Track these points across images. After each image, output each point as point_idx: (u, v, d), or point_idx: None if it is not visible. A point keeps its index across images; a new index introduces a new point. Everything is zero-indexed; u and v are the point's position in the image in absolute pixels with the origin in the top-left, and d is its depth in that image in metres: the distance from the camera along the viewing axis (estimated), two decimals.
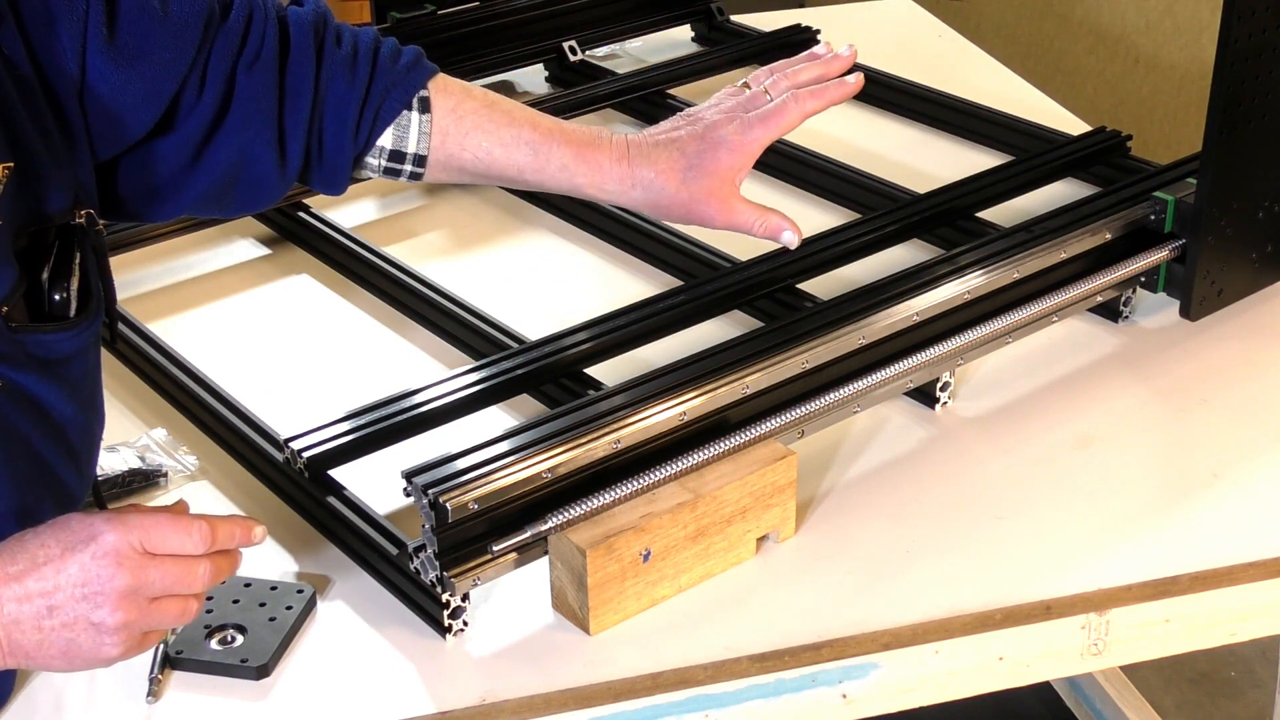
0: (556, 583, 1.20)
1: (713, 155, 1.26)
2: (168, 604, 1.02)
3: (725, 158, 1.26)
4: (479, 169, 1.29)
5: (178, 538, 1.01)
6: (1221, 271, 1.58)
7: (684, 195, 1.26)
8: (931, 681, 1.19)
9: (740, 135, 1.26)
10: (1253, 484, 1.35)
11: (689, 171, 1.26)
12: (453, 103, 1.27)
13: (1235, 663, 2.56)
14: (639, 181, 1.27)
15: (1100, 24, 3.51)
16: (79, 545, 0.99)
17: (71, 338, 1.07)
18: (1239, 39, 1.45)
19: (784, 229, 1.28)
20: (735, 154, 1.26)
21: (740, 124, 1.27)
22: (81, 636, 0.99)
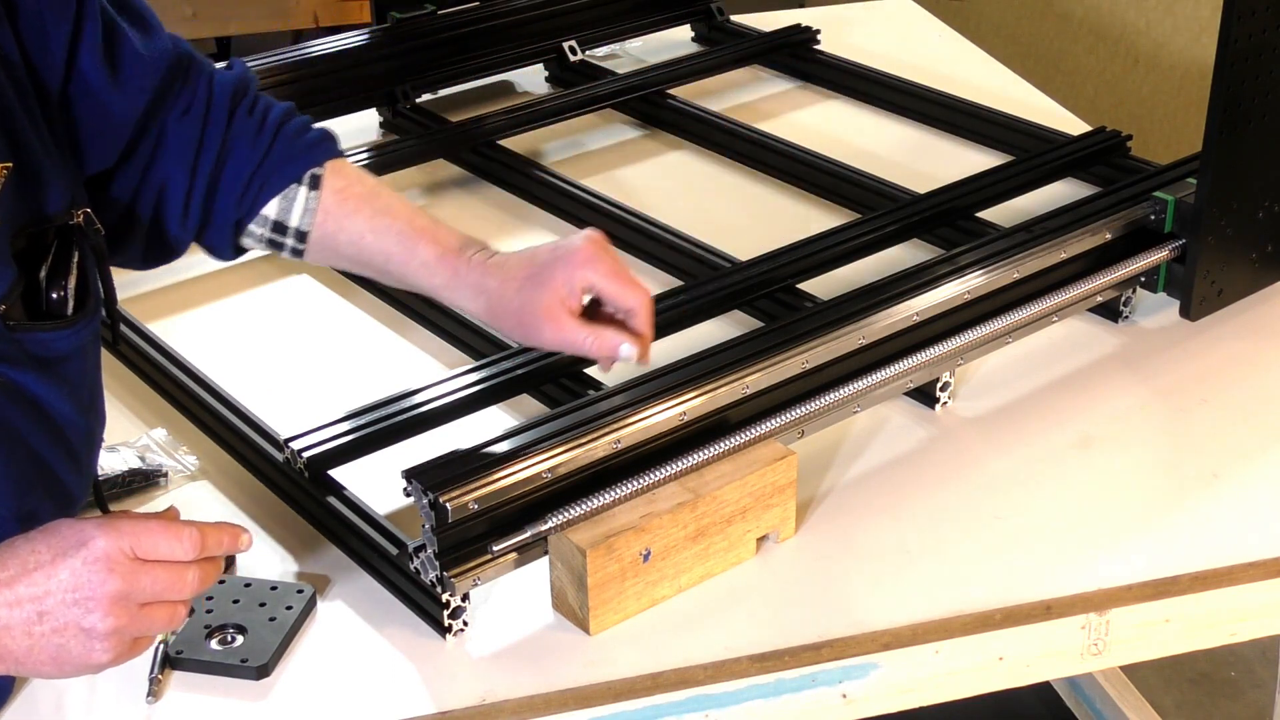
0: (556, 583, 1.20)
1: (551, 271, 1.20)
2: (157, 610, 1.01)
3: (561, 274, 1.20)
4: (351, 253, 1.29)
5: (168, 543, 1.01)
6: (1221, 271, 1.58)
7: (516, 304, 1.21)
8: (931, 681, 1.19)
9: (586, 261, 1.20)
10: (1253, 484, 1.35)
11: (528, 281, 1.21)
12: (341, 184, 1.28)
13: (1235, 663, 2.55)
14: (483, 290, 1.24)
15: (1100, 24, 3.51)
16: (70, 550, 0.99)
17: (69, 336, 1.07)
18: (1239, 39, 1.45)
19: (619, 344, 1.20)
20: (572, 273, 1.20)
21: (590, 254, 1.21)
22: (71, 642, 0.99)
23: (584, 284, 1.19)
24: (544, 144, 2.06)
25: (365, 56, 2.07)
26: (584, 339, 1.20)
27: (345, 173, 1.30)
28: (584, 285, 1.19)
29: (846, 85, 2.18)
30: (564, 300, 1.19)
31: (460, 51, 2.15)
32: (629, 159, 2.02)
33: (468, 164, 1.98)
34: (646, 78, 2.13)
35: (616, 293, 1.19)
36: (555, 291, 1.19)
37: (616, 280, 1.19)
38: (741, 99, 2.19)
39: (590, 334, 1.20)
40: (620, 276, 1.19)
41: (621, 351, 1.20)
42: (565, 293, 1.19)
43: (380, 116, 2.11)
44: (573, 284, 1.19)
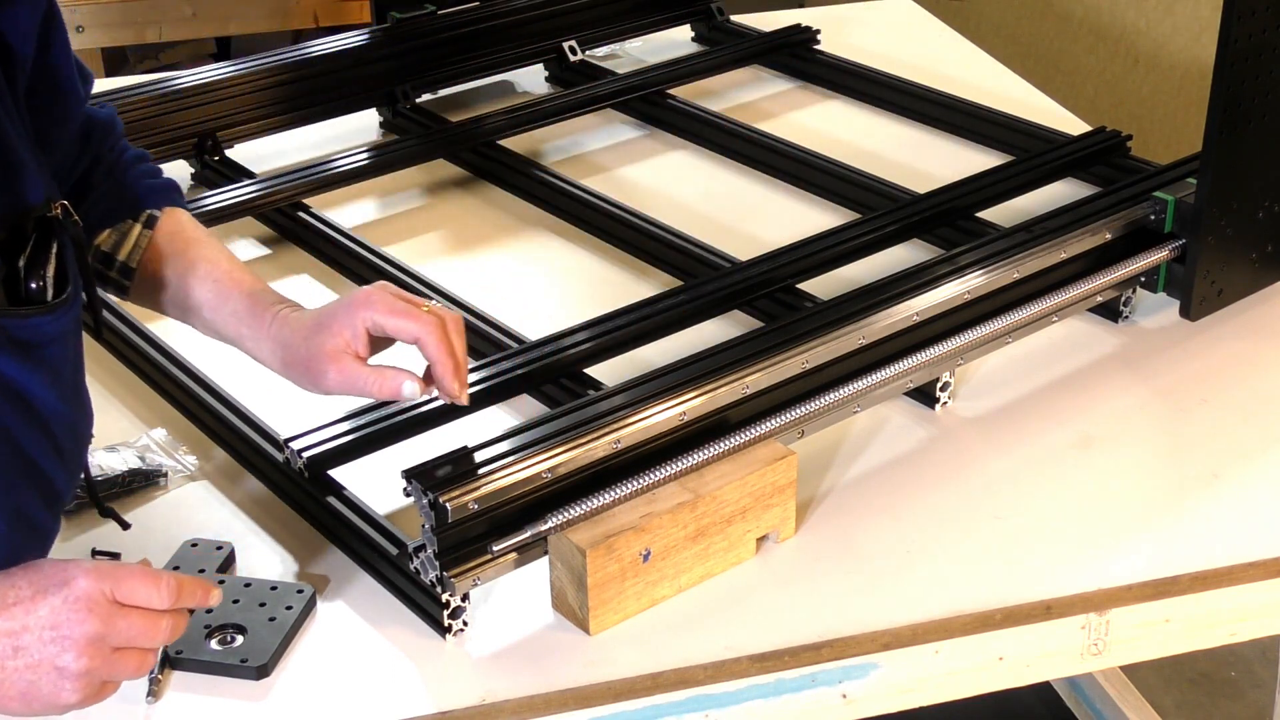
0: (556, 583, 1.20)
1: (334, 317, 1.20)
2: (129, 655, 1.03)
3: (342, 318, 1.19)
4: (168, 296, 1.30)
5: (146, 590, 1.03)
6: (1221, 271, 1.58)
7: (304, 352, 1.20)
8: (931, 681, 1.19)
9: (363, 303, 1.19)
10: (1253, 484, 1.35)
11: (314, 329, 1.21)
12: (174, 229, 1.30)
13: (1235, 663, 2.55)
14: (279, 342, 1.24)
15: (1100, 24, 3.51)
16: (51, 589, 1.00)
17: (50, 322, 1.08)
18: (1239, 39, 1.45)
19: (402, 382, 1.18)
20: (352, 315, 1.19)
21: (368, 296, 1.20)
22: (43, 679, 1.00)
23: (365, 324, 1.19)
24: (544, 144, 2.06)
25: (365, 56, 2.07)
26: (367, 379, 1.19)
27: (180, 220, 1.32)
28: (365, 325, 1.19)
29: (846, 85, 2.18)
30: (348, 343, 1.19)
31: (460, 51, 2.15)
32: (629, 159, 2.02)
33: (468, 164, 1.98)
34: (646, 78, 2.13)
35: (398, 326, 1.19)
36: (339, 335, 1.19)
37: (395, 314, 1.18)
38: (741, 99, 2.19)
39: (373, 375, 1.19)
40: (399, 310, 1.19)
41: (404, 390, 1.18)
42: (349, 335, 1.19)
43: (380, 116, 2.11)
44: (355, 326, 1.19)
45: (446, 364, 1.17)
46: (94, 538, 1.30)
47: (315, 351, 1.20)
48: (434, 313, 1.19)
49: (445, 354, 1.17)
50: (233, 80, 1.96)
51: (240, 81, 1.96)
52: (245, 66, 1.99)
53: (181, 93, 1.92)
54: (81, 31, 3.04)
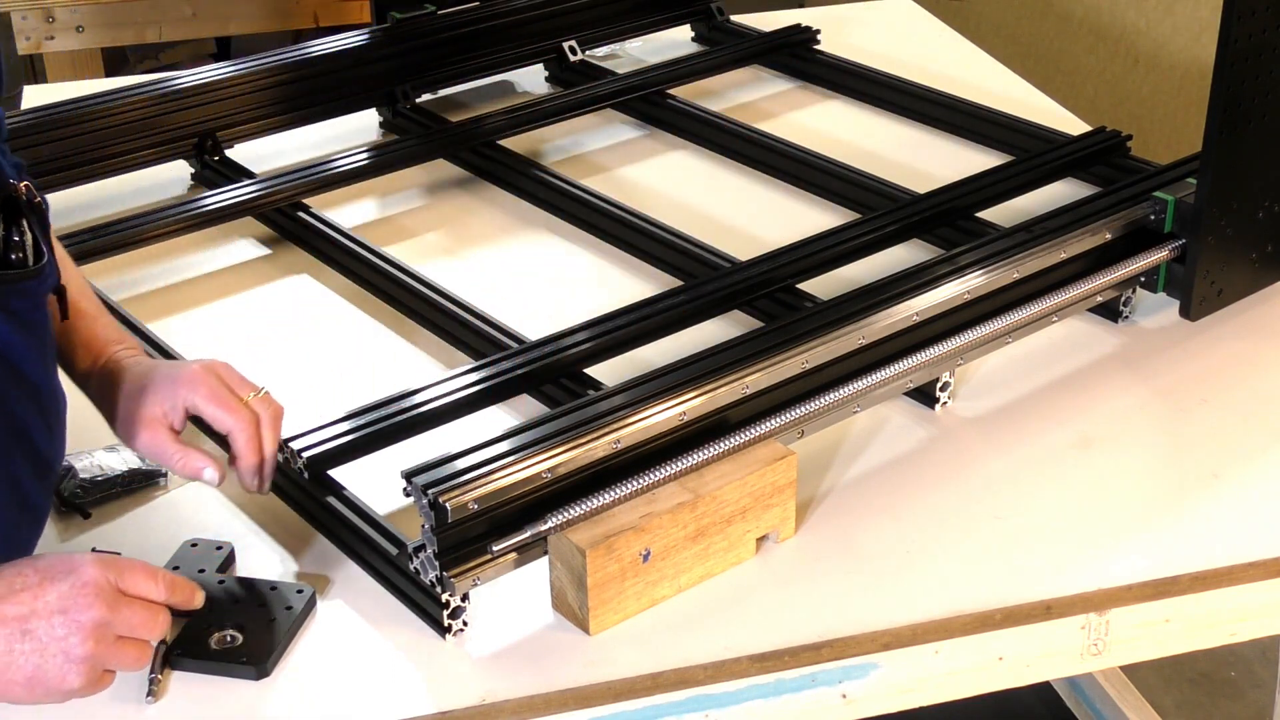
0: (556, 583, 1.20)
1: (159, 385, 1.23)
2: (130, 645, 1.06)
3: (165, 389, 1.22)
4: None
5: (147, 583, 1.07)
6: (1221, 271, 1.58)
7: (124, 408, 1.23)
8: (931, 681, 1.19)
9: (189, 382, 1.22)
10: (1253, 484, 1.35)
11: (139, 390, 1.23)
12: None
13: (1235, 663, 2.55)
14: (105, 384, 1.25)
15: (1100, 24, 3.51)
16: (59, 575, 1.03)
17: (36, 285, 1.10)
18: (1239, 39, 1.45)
19: (203, 467, 1.22)
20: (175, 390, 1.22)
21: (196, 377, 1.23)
22: (50, 663, 1.02)
23: (185, 403, 1.22)
24: (544, 144, 2.06)
25: (365, 56, 2.07)
26: (172, 454, 1.23)
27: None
28: (185, 404, 1.22)
29: (846, 85, 2.18)
30: (165, 414, 1.22)
31: (460, 51, 2.15)
32: (629, 159, 2.02)
33: (468, 164, 1.98)
34: (646, 78, 2.13)
35: (214, 415, 1.23)
36: (159, 404, 1.22)
37: (215, 403, 1.22)
38: (741, 99, 2.19)
39: (179, 452, 1.23)
40: (220, 400, 1.22)
41: (204, 475, 1.23)
42: (166, 408, 1.22)
43: (380, 116, 2.11)
44: (175, 400, 1.22)
45: (249, 461, 1.23)
46: (94, 537, 1.30)
47: (132, 411, 1.23)
48: (252, 407, 1.24)
49: (251, 452, 1.23)
50: (233, 80, 1.96)
51: (240, 81, 1.96)
52: (245, 66, 1.99)
53: (181, 93, 1.92)
54: (81, 31, 3.04)
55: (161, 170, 1.93)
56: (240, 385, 1.25)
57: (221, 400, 1.22)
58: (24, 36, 3.02)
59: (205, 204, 1.77)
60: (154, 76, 2.00)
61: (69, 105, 1.86)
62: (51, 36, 3.03)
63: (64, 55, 3.06)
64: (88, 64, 3.10)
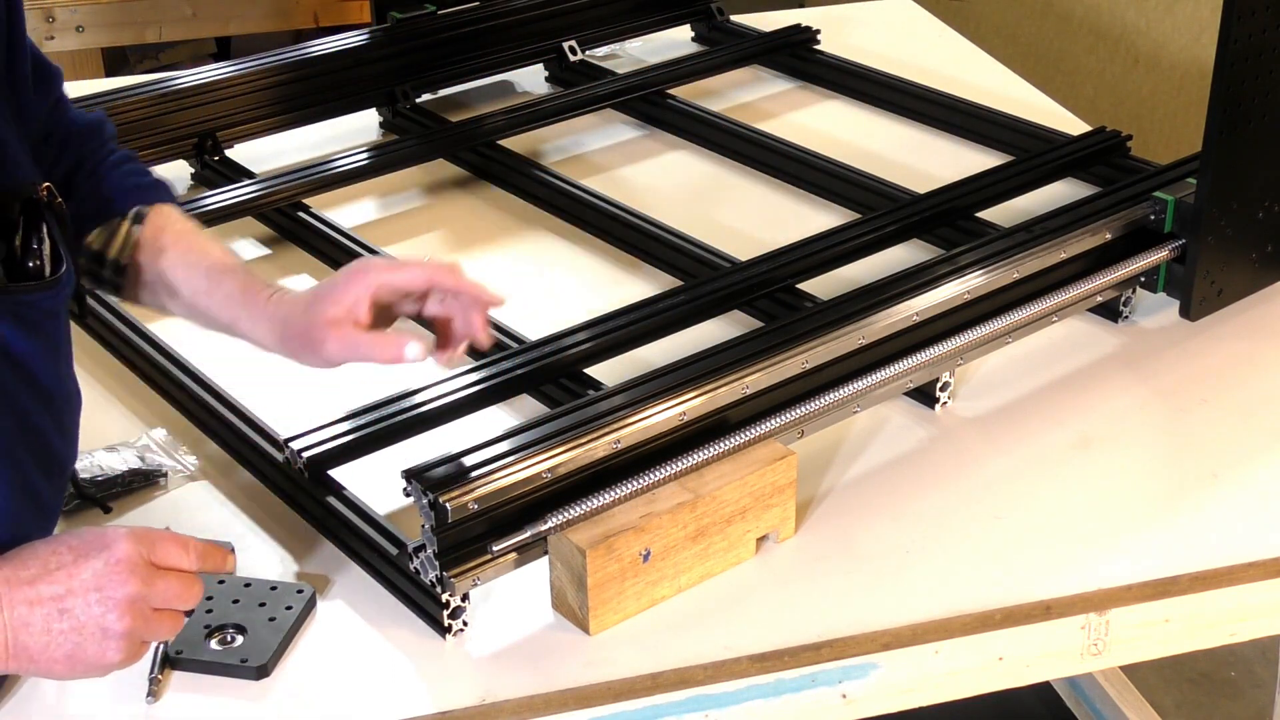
0: (556, 583, 1.20)
1: (332, 287, 1.21)
2: (165, 616, 1.06)
3: (341, 286, 1.21)
4: (162, 286, 1.29)
5: (178, 553, 1.07)
6: (1221, 271, 1.58)
7: (303, 323, 1.21)
8: (931, 681, 1.19)
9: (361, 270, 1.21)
10: (1253, 484, 1.35)
11: (313, 301, 1.22)
12: (162, 223, 1.30)
13: (1235, 663, 2.55)
14: (275, 319, 1.24)
15: (1100, 24, 3.51)
16: (93, 552, 1.03)
17: (51, 296, 1.10)
18: (1239, 39, 1.45)
19: (405, 344, 1.18)
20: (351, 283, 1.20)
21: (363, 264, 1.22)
22: (88, 641, 1.02)
23: (367, 289, 1.20)
24: (544, 144, 2.06)
25: (365, 56, 2.07)
26: (367, 343, 1.19)
27: (168, 214, 1.32)
28: (368, 290, 1.20)
29: (846, 85, 2.18)
30: (348, 310, 1.20)
31: (460, 51, 2.15)
32: (629, 159, 2.02)
33: (468, 164, 1.98)
34: (646, 78, 2.13)
35: (406, 277, 1.20)
36: (338, 305, 1.20)
37: (395, 270, 1.20)
38: (741, 99, 2.19)
39: (376, 340, 1.20)
40: (397, 266, 1.20)
41: (407, 352, 1.18)
42: (349, 302, 1.20)
43: (380, 116, 2.11)
44: (356, 292, 1.20)
45: (471, 290, 1.20)
46: None
47: (315, 321, 1.20)
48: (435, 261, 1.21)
49: (466, 285, 1.20)
50: (233, 80, 1.96)
51: (240, 81, 1.96)
52: (245, 66, 1.99)
53: (181, 93, 1.92)
54: (81, 31, 3.04)
55: (161, 170, 1.92)
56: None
57: (399, 266, 1.20)
58: None
59: (205, 204, 1.77)
60: (154, 76, 2.00)
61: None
62: (51, 36, 3.03)
63: (64, 55, 3.06)
64: (88, 64, 3.10)
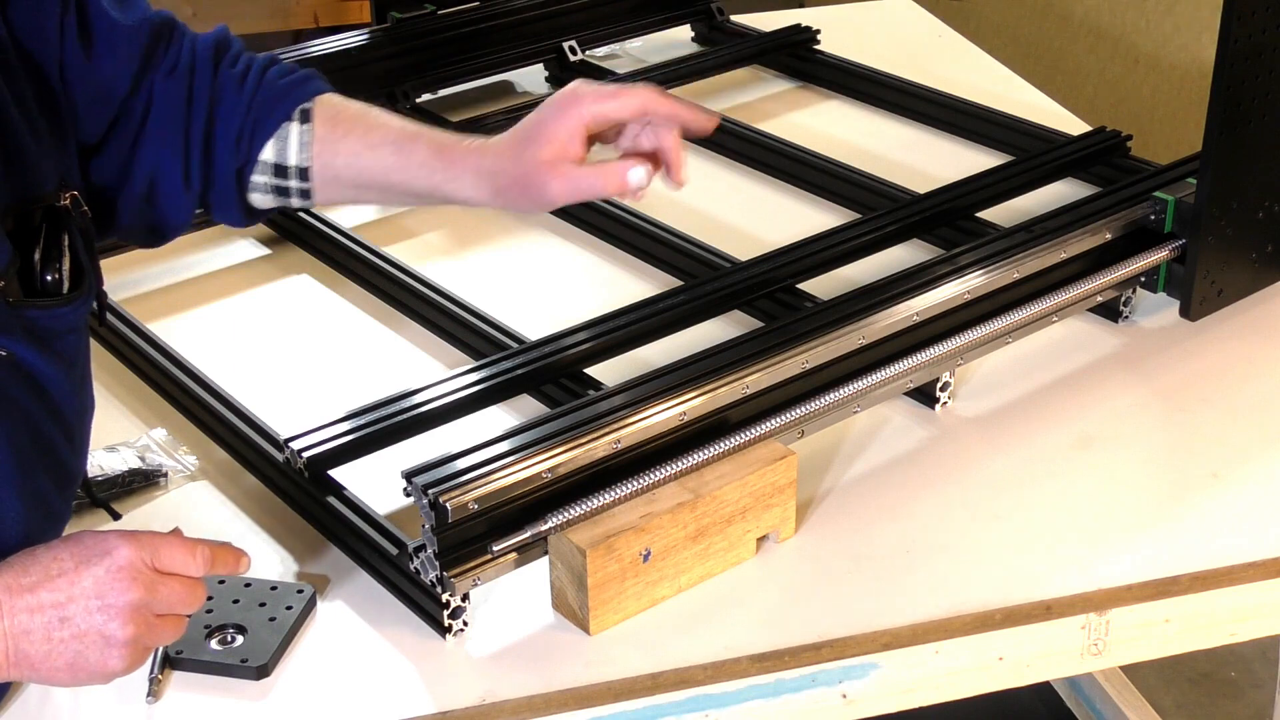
0: (556, 583, 1.20)
1: (541, 127, 1.16)
2: (168, 621, 1.04)
3: (552, 125, 1.16)
4: (351, 176, 1.27)
5: (184, 558, 1.04)
6: (1221, 271, 1.58)
7: (518, 171, 1.17)
8: (931, 681, 1.19)
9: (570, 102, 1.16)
10: (1253, 484, 1.35)
11: (523, 145, 1.18)
12: (331, 113, 1.28)
13: (1235, 663, 2.55)
14: (482, 171, 1.20)
15: (1100, 24, 3.51)
16: (94, 559, 1.01)
17: (68, 314, 1.09)
18: (1239, 39, 1.45)
19: (628, 169, 1.15)
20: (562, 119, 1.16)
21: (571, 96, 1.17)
22: (90, 649, 1.00)
23: (581, 121, 1.15)
24: None
25: (365, 56, 2.07)
26: (592, 179, 1.16)
27: (333, 102, 1.29)
28: (582, 122, 1.15)
29: (846, 85, 2.18)
30: (564, 148, 1.16)
31: (460, 51, 2.15)
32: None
33: None
34: (646, 78, 2.13)
35: (619, 106, 1.16)
36: (552, 142, 1.16)
37: (607, 99, 1.16)
38: (741, 99, 2.19)
39: (597, 173, 1.16)
40: (608, 94, 1.16)
41: (632, 177, 1.15)
42: (565, 138, 1.16)
43: None
44: (569, 128, 1.16)
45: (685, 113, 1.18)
46: None
47: (530, 166, 1.16)
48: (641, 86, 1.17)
49: (678, 107, 1.18)
50: None
51: None
52: None
53: None
54: None
55: None
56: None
57: (610, 94, 1.15)
58: None
59: None
60: None
61: None
62: None
63: None
64: None
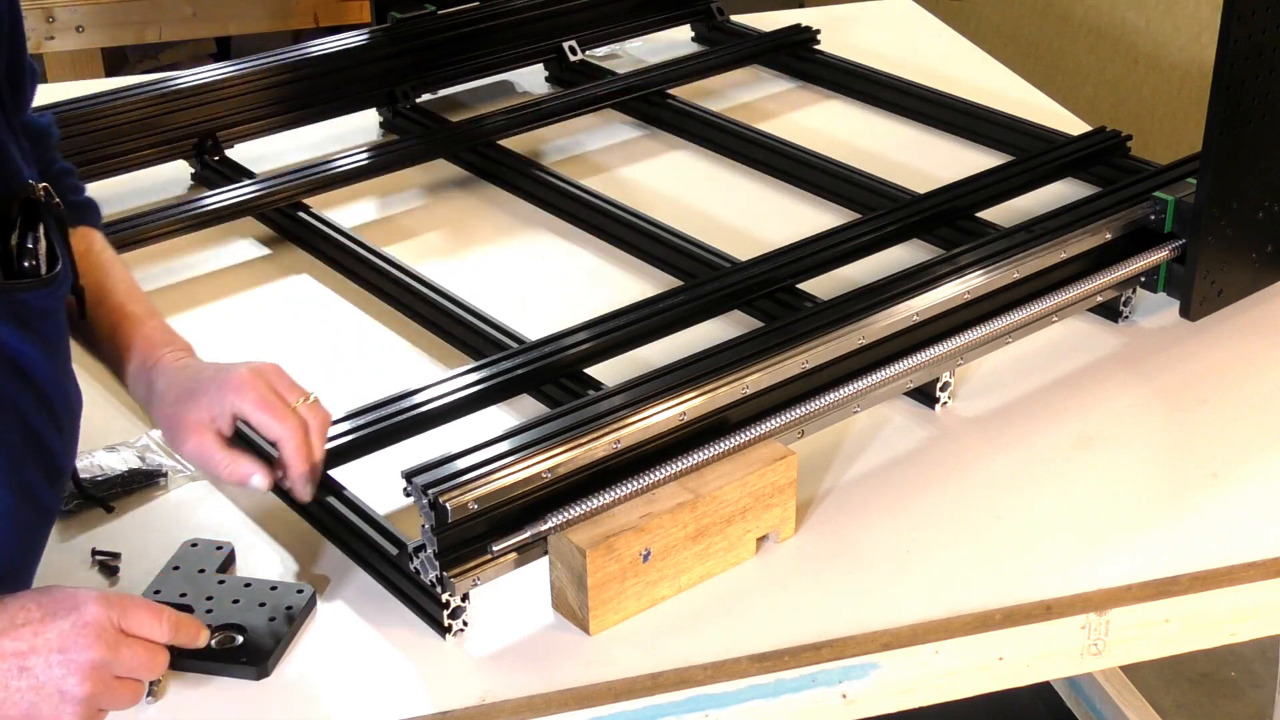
0: (556, 583, 1.20)
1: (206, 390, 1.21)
2: (126, 685, 1.05)
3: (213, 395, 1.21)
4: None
5: (150, 623, 1.06)
6: (1221, 271, 1.58)
7: (170, 411, 1.22)
8: (931, 681, 1.19)
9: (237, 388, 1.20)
10: (1253, 484, 1.35)
11: (185, 394, 1.22)
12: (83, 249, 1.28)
13: (1235, 663, 2.55)
14: (153, 388, 1.24)
15: (1100, 24, 3.51)
16: (61, 613, 1.02)
17: (48, 295, 1.09)
18: (1239, 39, 1.45)
19: (251, 474, 1.21)
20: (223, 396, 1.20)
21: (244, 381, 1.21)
22: (45, 701, 1.01)
23: (232, 409, 1.21)
24: (544, 144, 2.06)
25: (365, 56, 2.07)
26: (219, 461, 1.21)
27: (90, 241, 1.31)
28: (232, 410, 1.21)
29: (846, 85, 2.18)
30: (212, 420, 1.21)
31: (460, 51, 2.15)
32: (629, 159, 2.02)
33: (468, 164, 1.98)
34: (646, 78, 2.13)
35: (262, 422, 1.21)
36: (205, 410, 1.21)
37: (263, 409, 1.20)
38: (741, 99, 2.19)
39: (226, 459, 1.21)
40: (268, 406, 1.20)
41: (251, 482, 1.21)
42: (215, 413, 1.21)
43: (380, 116, 2.11)
44: (223, 406, 1.20)
45: (298, 469, 1.22)
46: (94, 537, 1.30)
47: (180, 416, 1.22)
48: (301, 415, 1.22)
49: (301, 460, 1.21)
50: (233, 80, 1.96)
51: (240, 81, 1.96)
52: (245, 66, 1.99)
53: (181, 93, 1.92)
54: (81, 31, 3.04)
55: (161, 170, 1.93)
56: (289, 390, 1.23)
57: (270, 407, 1.20)
58: None
59: (205, 204, 1.77)
60: (154, 76, 2.00)
61: (69, 105, 1.86)
62: (51, 36, 3.03)
63: (64, 55, 3.06)
64: (88, 64, 3.10)
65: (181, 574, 1.23)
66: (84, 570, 1.26)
